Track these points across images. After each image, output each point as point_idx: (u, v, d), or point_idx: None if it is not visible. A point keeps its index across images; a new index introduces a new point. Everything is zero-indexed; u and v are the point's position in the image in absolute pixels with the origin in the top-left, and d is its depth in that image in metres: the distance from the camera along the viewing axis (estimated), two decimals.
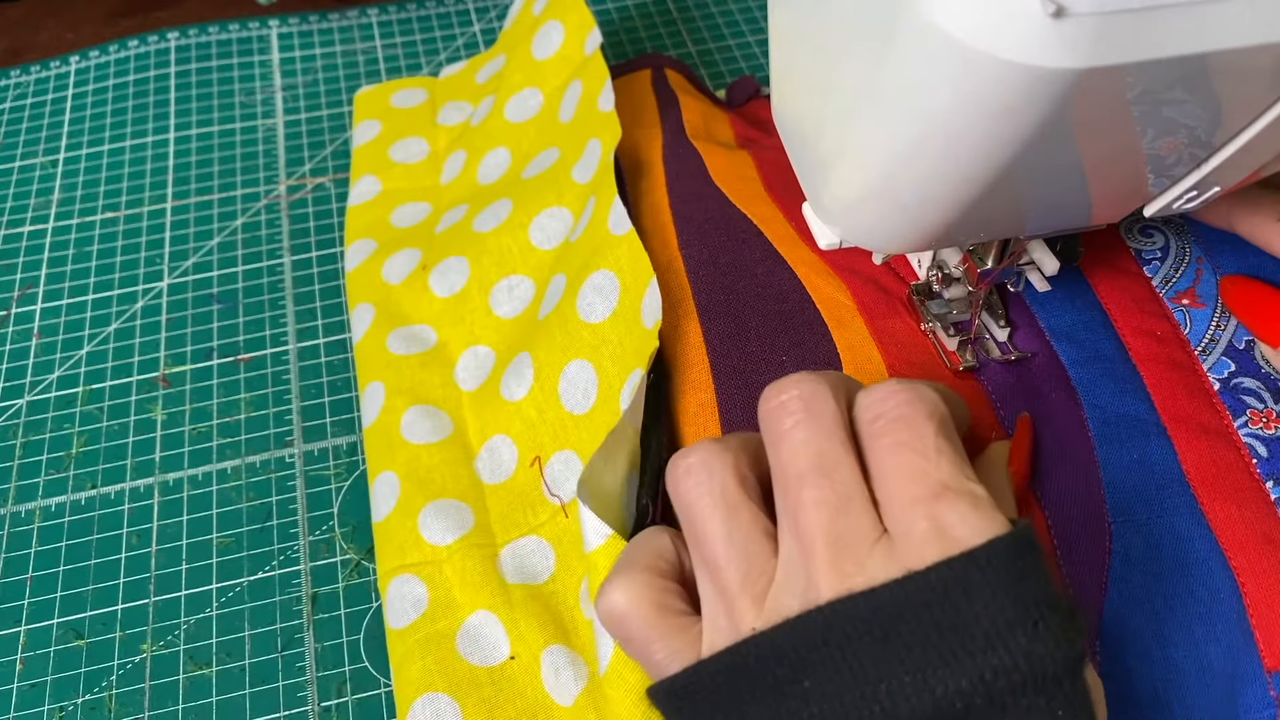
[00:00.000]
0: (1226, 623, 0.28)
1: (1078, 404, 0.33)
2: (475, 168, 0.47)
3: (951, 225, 0.27)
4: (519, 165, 0.46)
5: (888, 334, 0.35)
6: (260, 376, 0.44)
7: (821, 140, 0.28)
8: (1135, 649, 0.28)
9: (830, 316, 0.35)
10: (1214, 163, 0.25)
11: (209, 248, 0.49)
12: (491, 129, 0.48)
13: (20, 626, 0.37)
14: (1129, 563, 0.29)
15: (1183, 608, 0.29)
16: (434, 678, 0.33)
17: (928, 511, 0.22)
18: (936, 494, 0.23)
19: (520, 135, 0.47)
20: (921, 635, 0.21)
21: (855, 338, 0.35)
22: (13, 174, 0.53)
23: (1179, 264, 0.35)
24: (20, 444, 0.43)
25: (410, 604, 0.35)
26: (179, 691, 0.36)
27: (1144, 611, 0.28)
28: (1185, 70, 0.20)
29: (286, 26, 0.59)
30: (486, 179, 0.47)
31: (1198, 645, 0.28)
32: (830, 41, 0.25)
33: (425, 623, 0.34)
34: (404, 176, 0.49)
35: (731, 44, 0.57)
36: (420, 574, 0.35)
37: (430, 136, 0.51)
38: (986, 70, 0.20)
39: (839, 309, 0.36)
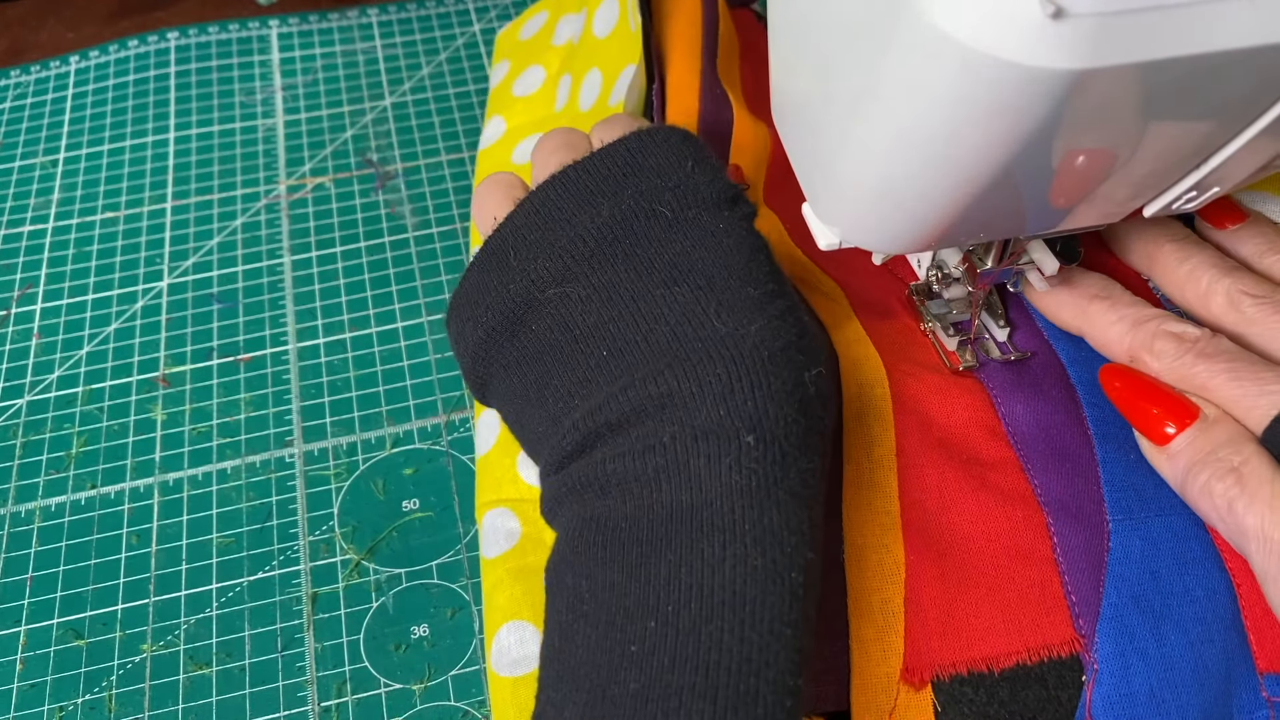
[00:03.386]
0: (1222, 623, 0.28)
1: (1076, 402, 0.33)
2: (578, 93, 0.47)
3: (951, 225, 0.27)
4: (607, 89, 0.45)
5: (884, 334, 0.35)
6: (260, 376, 0.44)
7: (821, 140, 0.28)
8: (1134, 647, 0.28)
9: (826, 318, 0.35)
10: (1214, 163, 0.25)
11: (209, 248, 0.49)
12: (586, 47, 0.47)
13: (20, 626, 0.37)
14: (1128, 561, 0.29)
15: (1180, 607, 0.29)
16: (521, 606, 0.34)
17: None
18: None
19: (606, 52, 0.46)
20: (613, 180, 0.29)
21: (851, 335, 0.35)
22: (13, 174, 0.53)
23: None
24: (20, 444, 0.43)
25: (503, 536, 0.36)
26: (179, 691, 0.36)
27: (1142, 610, 0.29)
28: (1185, 71, 0.20)
29: (286, 26, 0.59)
30: (586, 104, 0.46)
31: (1195, 645, 0.28)
32: (830, 41, 0.25)
33: (516, 555, 0.35)
34: (524, 110, 0.49)
35: None
36: (515, 510, 0.36)
37: (546, 61, 0.50)
38: (986, 71, 0.20)
39: (832, 310, 0.36)
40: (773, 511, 0.24)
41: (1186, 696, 0.27)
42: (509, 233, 0.30)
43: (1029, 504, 0.31)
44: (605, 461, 0.26)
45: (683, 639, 0.23)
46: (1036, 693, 0.27)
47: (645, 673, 0.23)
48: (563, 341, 0.28)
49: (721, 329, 0.26)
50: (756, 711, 0.22)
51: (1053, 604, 0.29)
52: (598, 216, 0.28)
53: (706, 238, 0.28)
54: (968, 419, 0.33)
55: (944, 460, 0.31)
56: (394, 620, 0.37)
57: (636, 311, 0.27)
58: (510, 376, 0.30)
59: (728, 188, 0.29)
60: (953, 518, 0.30)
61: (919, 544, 0.29)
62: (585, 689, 0.23)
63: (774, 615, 0.23)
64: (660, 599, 0.23)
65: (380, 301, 0.46)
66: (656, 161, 0.29)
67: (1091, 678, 0.28)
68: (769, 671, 0.22)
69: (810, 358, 0.27)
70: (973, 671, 0.28)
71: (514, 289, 0.29)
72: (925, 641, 0.28)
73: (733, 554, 0.23)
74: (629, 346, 0.27)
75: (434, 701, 0.35)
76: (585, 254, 0.28)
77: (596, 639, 0.24)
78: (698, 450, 0.25)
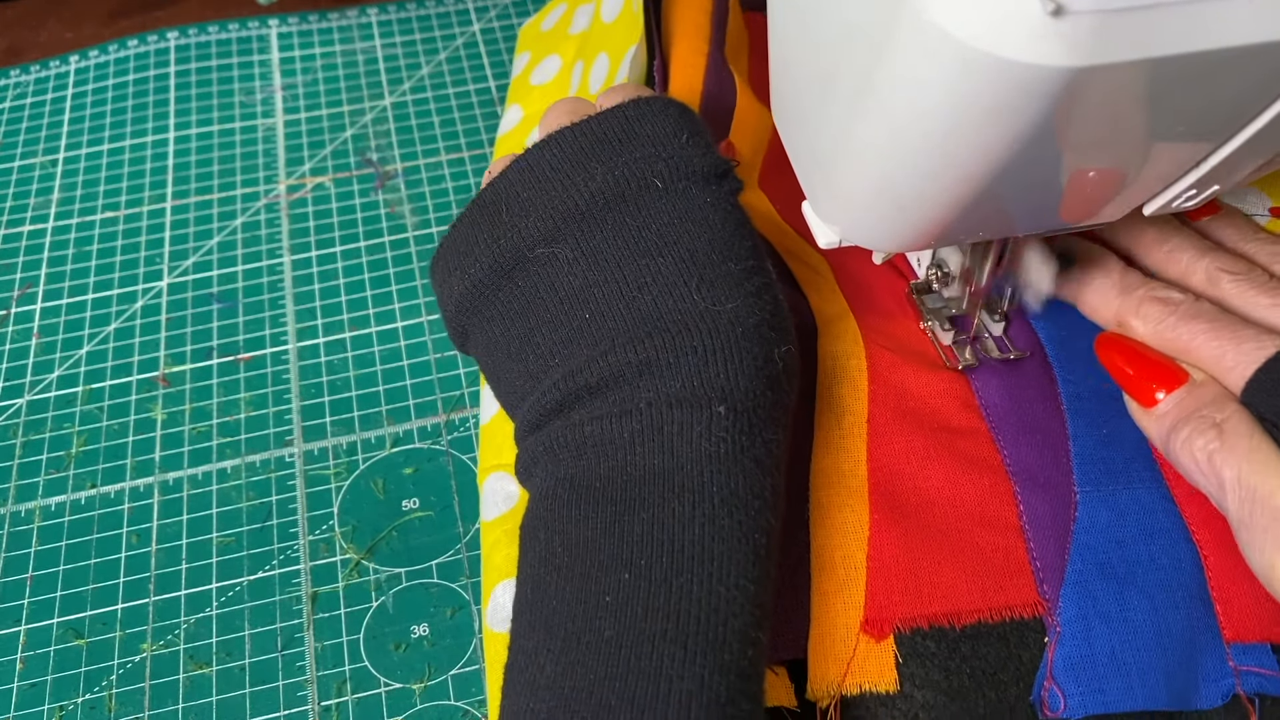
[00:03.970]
0: (1187, 592, 0.29)
1: (1052, 379, 0.33)
2: (589, 78, 0.47)
3: (950, 224, 0.27)
4: (614, 72, 0.46)
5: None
6: (260, 376, 0.44)
7: (821, 139, 0.28)
8: (1097, 611, 0.28)
9: (809, 289, 0.36)
10: (1214, 161, 0.25)
11: (209, 247, 0.49)
12: (596, 33, 0.48)
13: (20, 626, 0.37)
14: (1093, 530, 0.30)
15: (1145, 575, 0.29)
16: (516, 566, 0.34)
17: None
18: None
19: (612, 36, 0.47)
20: (608, 145, 0.29)
21: (833, 307, 0.35)
22: (12, 174, 0.53)
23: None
24: (20, 444, 0.43)
25: (502, 498, 0.36)
26: (179, 691, 0.36)
27: (1106, 576, 0.29)
28: (1184, 69, 0.20)
29: (286, 26, 0.59)
30: (595, 88, 0.46)
31: (1159, 611, 0.28)
32: (829, 39, 0.25)
33: (512, 517, 0.35)
34: (541, 98, 0.49)
35: None
36: (514, 474, 0.36)
37: (562, 50, 0.51)
38: (985, 69, 0.20)
39: (816, 282, 0.36)
40: (739, 477, 0.26)
41: (1148, 659, 0.27)
42: (503, 187, 0.30)
43: (997, 473, 0.31)
44: (582, 424, 0.27)
45: (654, 590, 0.24)
46: (998, 650, 0.28)
47: (619, 620, 0.24)
48: (547, 301, 0.29)
49: (701, 303, 0.27)
50: (724, 658, 0.23)
51: (1016, 568, 0.29)
52: (591, 181, 0.29)
53: (694, 211, 0.29)
54: (941, 390, 0.33)
55: (914, 429, 0.31)
56: (394, 620, 0.37)
57: (621, 279, 0.28)
58: (493, 329, 0.30)
59: (719, 163, 0.30)
60: (919, 483, 0.30)
61: (884, 506, 0.30)
62: (560, 637, 0.24)
63: (739, 571, 0.25)
64: (633, 553, 0.25)
65: (380, 301, 0.46)
66: (652, 131, 0.30)
67: (1054, 639, 0.28)
68: (735, 621, 0.24)
69: (781, 335, 0.28)
70: (934, 626, 0.28)
71: (504, 243, 0.30)
72: (887, 596, 0.28)
73: (702, 513, 0.25)
74: (611, 312, 0.28)
75: (434, 701, 0.35)
76: (576, 216, 0.29)
77: (571, 591, 0.25)
78: (672, 417, 0.26)
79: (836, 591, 0.28)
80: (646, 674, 0.23)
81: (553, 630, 0.25)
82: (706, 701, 0.23)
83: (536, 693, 0.24)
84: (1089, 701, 0.27)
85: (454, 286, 0.31)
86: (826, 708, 0.27)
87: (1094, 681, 0.27)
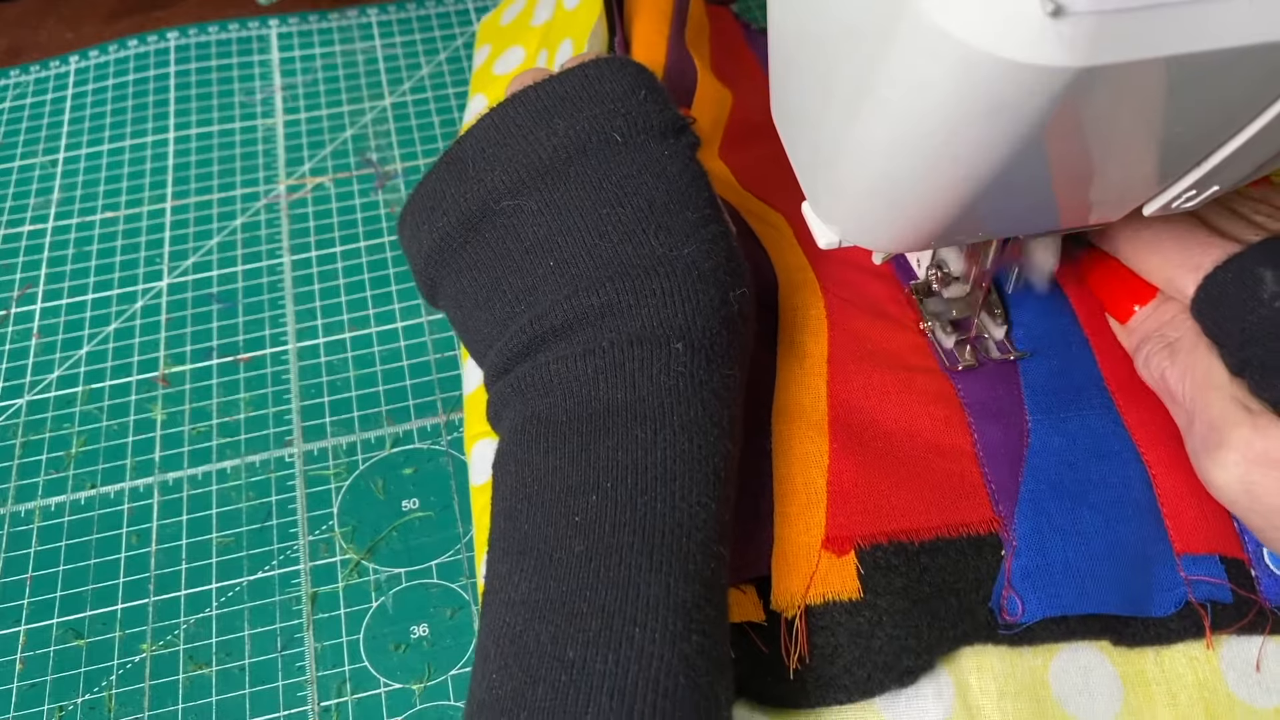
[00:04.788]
0: (1138, 508, 0.30)
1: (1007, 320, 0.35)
2: (553, 64, 0.48)
3: (950, 224, 0.27)
4: (577, 54, 0.46)
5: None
6: (260, 376, 0.44)
7: (821, 139, 0.28)
8: (1051, 525, 0.30)
9: (770, 246, 0.37)
10: (1213, 161, 0.25)
11: (209, 247, 0.49)
12: (559, 21, 0.49)
13: (20, 626, 0.37)
14: (1045, 453, 0.31)
15: (1097, 493, 0.30)
16: None
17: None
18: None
19: (575, 22, 0.47)
20: (570, 102, 0.30)
21: (793, 262, 0.37)
22: (12, 174, 0.53)
23: None
24: (20, 444, 0.43)
25: (489, 465, 0.36)
26: (179, 691, 0.36)
27: (1059, 495, 0.30)
28: (1184, 69, 0.20)
29: (286, 26, 0.59)
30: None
31: (1110, 524, 0.30)
32: (829, 40, 0.25)
33: None
34: (505, 88, 0.50)
35: None
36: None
37: (525, 41, 0.51)
38: (985, 69, 0.20)
39: (777, 240, 0.38)
40: (698, 407, 0.27)
41: (1102, 568, 0.29)
42: (470, 144, 0.32)
43: (951, 405, 0.32)
44: (549, 364, 0.28)
45: (621, 508, 0.26)
46: (956, 562, 0.29)
47: (589, 537, 0.25)
48: (513, 250, 0.30)
49: (659, 248, 0.29)
50: (688, 567, 0.25)
51: (971, 490, 0.31)
52: (554, 135, 0.30)
53: (652, 163, 0.30)
54: (897, 334, 0.35)
55: (871, 368, 0.33)
56: (394, 620, 0.37)
57: (584, 227, 0.29)
58: (461, 279, 0.32)
59: (675, 118, 0.31)
60: (877, 416, 0.32)
61: (843, 437, 0.31)
62: (533, 557, 0.26)
63: (700, 490, 0.26)
64: (600, 477, 0.26)
65: (380, 301, 0.46)
66: (612, 88, 0.31)
67: (1010, 552, 0.29)
68: (698, 535, 0.26)
69: (736, 279, 0.30)
70: (893, 541, 0.29)
71: (470, 197, 0.31)
72: (847, 516, 0.30)
73: (663, 439, 0.27)
74: (575, 259, 0.29)
75: (434, 701, 0.35)
76: (540, 170, 0.30)
77: (542, 515, 0.26)
78: (633, 354, 0.28)
79: (799, 514, 0.30)
80: (615, 583, 0.25)
81: (525, 552, 0.26)
82: (673, 605, 0.24)
83: (512, 608, 0.25)
84: (1045, 606, 0.28)
85: (423, 240, 0.32)
86: (793, 619, 0.28)
87: (1049, 588, 0.29)
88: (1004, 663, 0.28)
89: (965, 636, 0.28)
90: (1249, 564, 0.29)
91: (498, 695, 0.24)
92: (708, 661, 0.24)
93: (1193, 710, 0.28)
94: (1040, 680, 0.28)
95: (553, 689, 0.23)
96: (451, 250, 0.31)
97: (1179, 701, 0.28)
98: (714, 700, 0.24)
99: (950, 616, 0.28)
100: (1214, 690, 0.28)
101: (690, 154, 0.31)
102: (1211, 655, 0.28)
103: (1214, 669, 0.28)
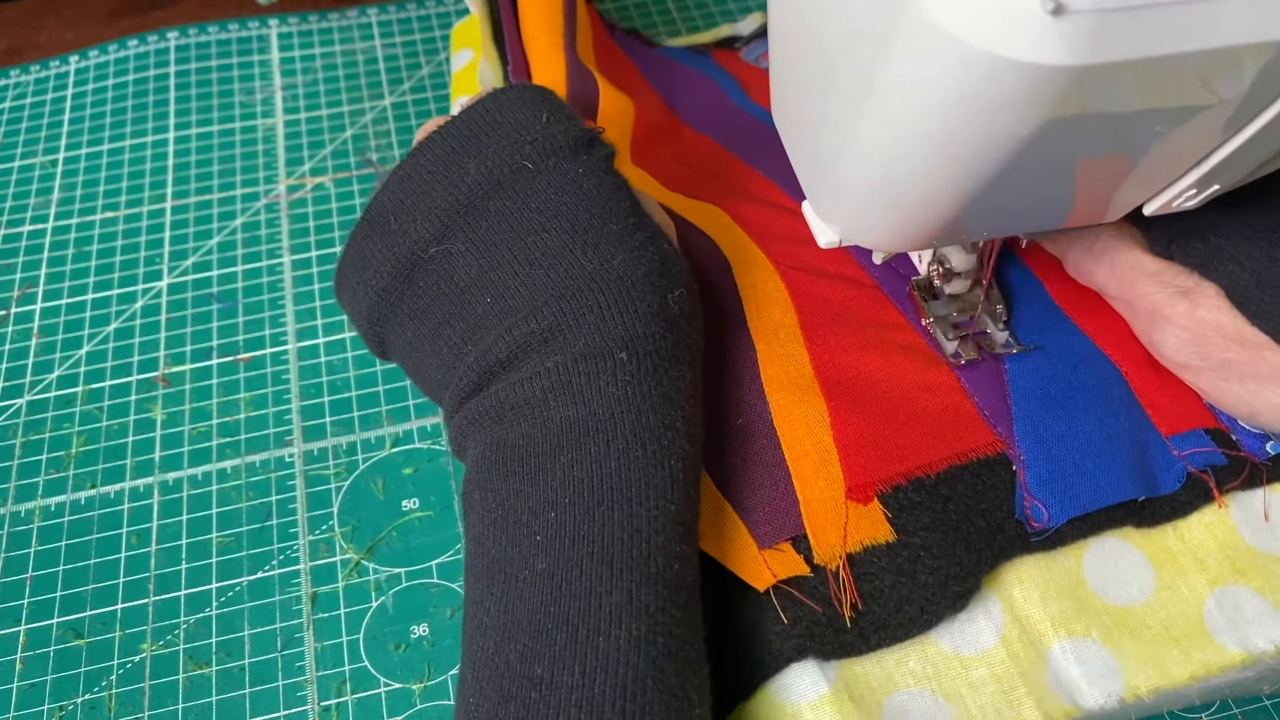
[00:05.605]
0: (1121, 403, 0.33)
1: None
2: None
3: (951, 223, 0.27)
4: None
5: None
6: (260, 376, 0.44)
7: (821, 138, 0.28)
8: (1050, 434, 0.32)
9: (715, 233, 0.38)
10: (1214, 161, 0.25)
11: (209, 247, 0.49)
12: (457, 32, 0.50)
13: (20, 626, 0.37)
14: (1024, 375, 0.33)
15: (1081, 397, 0.33)
16: None
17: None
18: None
19: (469, 33, 0.49)
20: (476, 139, 0.31)
21: (740, 242, 0.38)
22: (12, 174, 0.53)
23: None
24: (20, 444, 0.43)
25: None
26: (179, 691, 0.36)
27: (1049, 406, 0.32)
28: (1184, 68, 0.20)
29: (286, 26, 0.59)
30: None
31: (1102, 420, 0.32)
32: (830, 40, 0.25)
33: None
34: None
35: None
36: None
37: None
38: (985, 67, 0.20)
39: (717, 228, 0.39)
40: (648, 413, 0.28)
41: (1107, 461, 0.31)
42: (386, 199, 0.32)
43: (924, 349, 0.34)
44: (499, 393, 0.29)
45: (579, 522, 0.26)
46: (973, 485, 0.31)
47: (550, 554, 0.26)
48: (449, 294, 0.31)
49: (589, 265, 0.29)
50: (649, 571, 0.26)
51: (968, 419, 0.32)
52: (466, 175, 0.31)
53: (568, 183, 0.31)
54: (858, 294, 0.36)
55: (843, 328, 0.35)
56: (394, 620, 0.37)
57: (513, 259, 0.30)
58: (405, 332, 0.32)
59: (583, 133, 0.31)
60: (861, 369, 0.33)
61: (837, 393, 0.33)
62: (500, 580, 0.27)
63: (658, 494, 0.27)
64: (558, 495, 0.27)
65: None
66: (514, 117, 0.31)
67: (1020, 466, 0.31)
68: (658, 539, 0.26)
69: (672, 281, 0.30)
70: (911, 479, 0.31)
71: (398, 250, 0.31)
72: (862, 466, 0.31)
73: (616, 449, 0.27)
74: (510, 292, 0.30)
75: (434, 701, 0.35)
76: (460, 211, 0.31)
77: (507, 537, 0.27)
78: (578, 370, 0.28)
79: (816, 473, 0.31)
80: (578, 595, 0.25)
81: (494, 576, 0.27)
82: (635, 611, 0.25)
83: (484, 633, 0.26)
84: (1067, 508, 0.30)
85: (360, 300, 0.32)
86: (837, 570, 0.29)
87: (1066, 490, 0.31)
88: (1040, 569, 0.30)
89: (1001, 552, 0.30)
90: (1228, 431, 0.32)
91: (474, 717, 0.25)
92: (675, 663, 0.25)
93: (1221, 569, 0.30)
94: (1077, 578, 0.30)
95: (524, 706, 0.24)
96: (390, 305, 0.32)
97: (1207, 565, 0.30)
98: (685, 700, 0.25)
99: (982, 537, 0.30)
100: (1234, 547, 0.30)
101: (606, 165, 0.32)
102: (1224, 515, 0.31)
103: (1229, 528, 0.31)
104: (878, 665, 0.29)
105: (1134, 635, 0.29)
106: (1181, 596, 0.30)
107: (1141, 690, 0.28)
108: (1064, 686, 0.28)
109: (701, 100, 0.49)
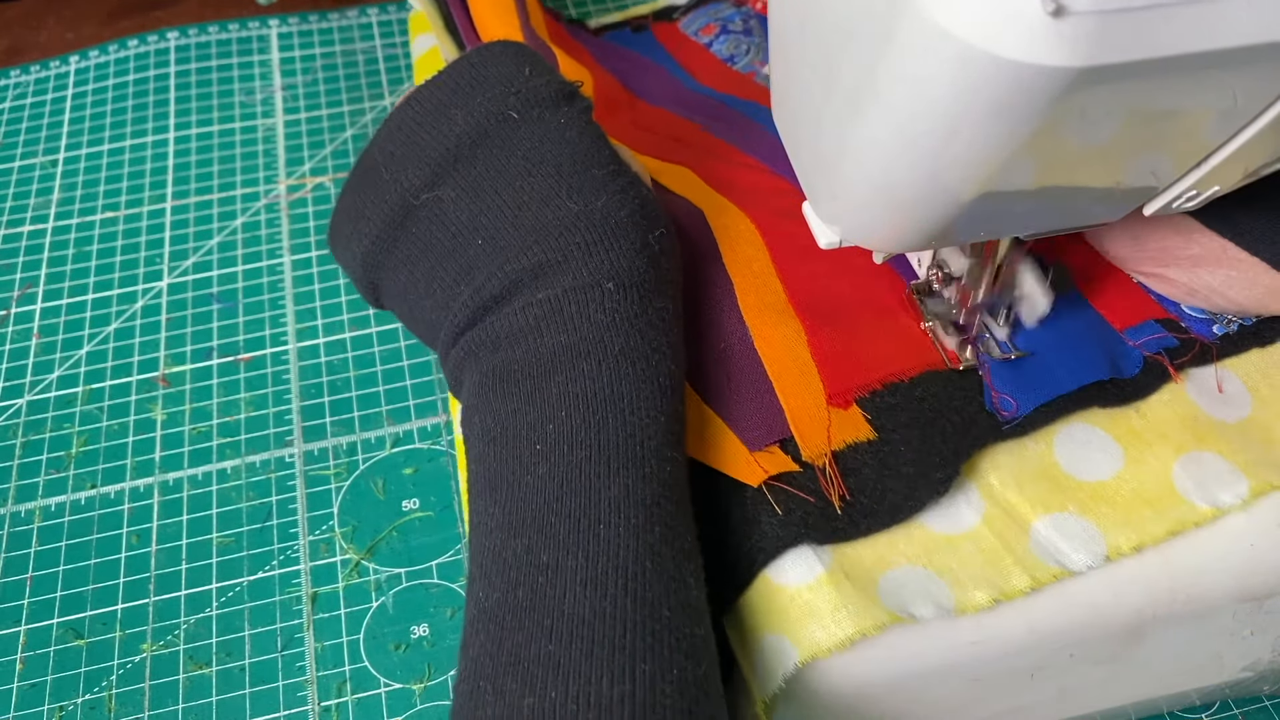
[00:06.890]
0: (1074, 304, 0.35)
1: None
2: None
3: (951, 224, 0.27)
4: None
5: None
6: (260, 376, 0.44)
7: (821, 139, 0.28)
8: (1010, 337, 0.34)
9: (683, 189, 0.40)
10: (1214, 162, 0.25)
11: (209, 247, 0.49)
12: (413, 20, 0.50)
13: (20, 626, 0.37)
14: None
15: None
16: None
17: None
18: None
19: (421, 20, 0.49)
20: (462, 92, 0.32)
21: (706, 191, 0.39)
22: (12, 174, 0.53)
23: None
24: (20, 444, 0.43)
25: None
26: (179, 691, 0.36)
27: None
28: (1185, 69, 0.20)
29: (286, 26, 0.59)
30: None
31: (1059, 321, 0.34)
32: (830, 40, 0.25)
33: None
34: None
35: None
36: None
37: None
38: (986, 68, 0.20)
39: (686, 185, 0.40)
40: (635, 336, 0.30)
41: (1064, 354, 0.34)
42: (376, 151, 0.33)
43: (892, 274, 0.37)
44: (493, 324, 0.31)
45: (576, 429, 0.28)
46: (945, 388, 0.33)
47: (550, 459, 0.28)
48: (442, 239, 0.32)
49: (575, 206, 0.31)
50: (645, 470, 0.28)
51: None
52: (455, 125, 0.32)
53: (552, 132, 0.32)
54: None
55: (813, 259, 0.36)
56: (394, 620, 0.37)
57: (502, 203, 0.32)
58: (399, 276, 0.33)
59: (564, 85, 0.33)
60: (832, 293, 0.36)
61: (810, 314, 0.35)
62: (504, 488, 0.28)
63: (649, 404, 0.29)
64: (554, 409, 0.29)
65: None
66: (498, 71, 0.33)
67: (985, 371, 0.34)
68: (651, 443, 0.28)
69: (652, 222, 0.32)
70: (886, 384, 0.33)
71: (390, 199, 0.33)
72: (839, 374, 0.33)
73: (607, 367, 0.29)
74: (500, 234, 0.31)
75: (434, 701, 0.35)
76: (449, 159, 0.32)
77: (508, 451, 0.29)
78: (569, 300, 0.30)
79: (797, 384, 0.33)
80: (578, 491, 0.27)
81: (497, 485, 0.28)
82: (633, 502, 0.27)
83: (489, 534, 0.28)
84: (1031, 398, 0.33)
85: (354, 249, 0.34)
86: (823, 466, 0.32)
87: (1028, 382, 0.33)
88: (1013, 456, 0.32)
89: (976, 441, 0.32)
90: (1177, 320, 0.35)
91: (484, 607, 0.27)
92: (672, 550, 0.27)
93: (1184, 439, 0.32)
94: (1049, 461, 0.32)
95: (532, 590, 0.26)
96: (384, 251, 0.33)
97: (1170, 437, 0.32)
98: (682, 583, 0.27)
99: (957, 430, 0.32)
100: (1194, 418, 0.32)
101: (586, 117, 0.33)
102: (1181, 391, 0.33)
103: (1188, 401, 0.33)
104: (870, 548, 0.30)
105: (1109, 503, 0.31)
106: (1150, 467, 0.31)
107: (1124, 548, 0.30)
108: (1049, 553, 0.30)
109: (655, 82, 0.51)
